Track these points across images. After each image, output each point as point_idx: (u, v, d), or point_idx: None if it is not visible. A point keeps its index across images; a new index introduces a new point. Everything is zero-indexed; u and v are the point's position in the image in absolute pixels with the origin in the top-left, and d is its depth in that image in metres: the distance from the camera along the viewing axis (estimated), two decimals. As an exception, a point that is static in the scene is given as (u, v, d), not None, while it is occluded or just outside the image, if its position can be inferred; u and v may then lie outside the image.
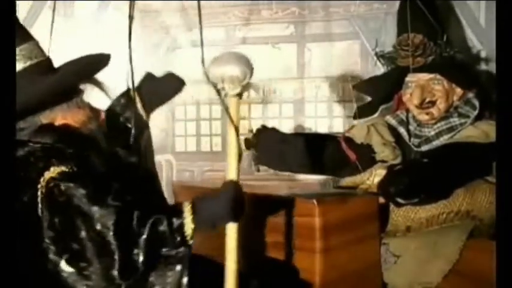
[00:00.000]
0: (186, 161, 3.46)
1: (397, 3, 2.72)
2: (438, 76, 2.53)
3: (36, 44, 1.83)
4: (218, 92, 1.75)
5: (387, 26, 3.13)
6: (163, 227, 1.64)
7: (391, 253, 2.30)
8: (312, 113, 3.38)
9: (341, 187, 2.63)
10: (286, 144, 2.65)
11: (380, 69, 2.80)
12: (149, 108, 2.04)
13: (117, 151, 1.89)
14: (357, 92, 2.91)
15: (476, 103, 2.52)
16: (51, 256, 1.65)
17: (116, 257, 1.61)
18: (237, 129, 1.76)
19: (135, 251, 1.62)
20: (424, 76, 2.54)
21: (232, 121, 1.75)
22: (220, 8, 3.37)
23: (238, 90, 1.77)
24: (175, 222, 1.65)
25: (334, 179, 2.81)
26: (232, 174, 1.77)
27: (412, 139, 2.58)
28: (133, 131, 1.96)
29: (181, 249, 1.68)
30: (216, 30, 3.39)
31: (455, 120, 2.52)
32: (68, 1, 3.28)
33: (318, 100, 3.37)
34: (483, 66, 2.98)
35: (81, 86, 1.87)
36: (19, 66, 1.75)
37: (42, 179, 1.65)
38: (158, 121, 3.45)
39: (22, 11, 3.22)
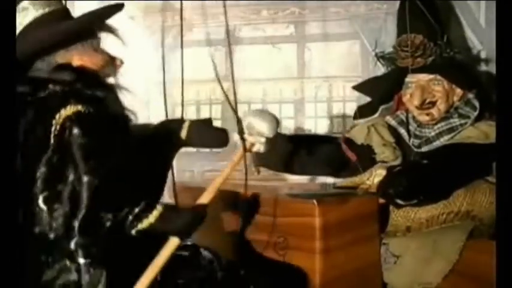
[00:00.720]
0: (186, 161, 3.46)
1: (397, 3, 2.72)
2: (438, 77, 2.53)
3: None
4: (242, 132, 2.01)
5: (387, 26, 3.13)
6: (136, 210, 1.71)
7: (391, 253, 2.30)
8: (312, 113, 3.37)
9: (341, 187, 2.63)
10: (286, 146, 2.64)
11: (380, 69, 2.79)
12: (188, 140, 2.12)
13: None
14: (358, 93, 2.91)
15: (477, 104, 2.51)
16: (35, 189, 1.70)
17: (80, 213, 1.66)
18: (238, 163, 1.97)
19: (107, 217, 1.68)
20: (424, 77, 2.54)
21: (244, 155, 1.97)
22: (220, 8, 3.37)
23: (256, 142, 2.04)
24: (142, 214, 1.72)
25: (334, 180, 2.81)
26: (206, 198, 1.89)
27: (412, 140, 2.58)
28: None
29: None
30: (216, 30, 3.39)
31: (455, 121, 2.52)
32: (68, 1, 3.28)
33: (318, 100, 3.37)
34: (483, 67, 2.97)
35: (98, 34, 1.92)
36: (37, 13, 1.81)
37: (58, 116, 1.69)
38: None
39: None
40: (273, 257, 2.18)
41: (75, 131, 1.68)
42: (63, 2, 1.95)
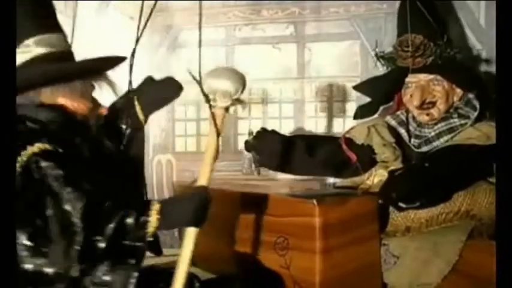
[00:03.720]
0: (186, 161, 3.46)
1: (397, 3, 2.72)
2: (438, 77, 2.53)
3: (62, 35, 1.86)
4: (208, 99, 1.83)
5: (387, 26, 3.13)
6: (130, 220, 1.69)
7: (390, 254, 2.30)
8: (312, 113, 3.38)
9: (341, 187, 2.63)
10: (287, 147, 2.64)
11: (380, 69, 2.79)
12: (147, 111, 2.07)
13: (105, 143, 1.93)
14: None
15: (477, 104, 2.51)
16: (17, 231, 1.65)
17: (78, 238, 1.64)
18: (218, 136, 1.83)
19: (99, 237, 1.66)
20: (424, 77, 2.54)
21: (216, 128, 1.82)
22: (220, 8, 3.37)
23: (227, 103, 1.84)
24: (142, 218, 1.70)
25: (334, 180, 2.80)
26: (204, 179, 1.82)
27: (412, 140, 2.58)
28: (127, 132, 2.03)
29: (139, 244, 1.73)
30: (216, 30, 3.40)
31: (455, 121, 2.51)
32: (68, 1, 3.28)
33: (318, 100, 3.37)
34: (483, 67, 2.97)
35: (94, 83, 1.90)
36: (38, 51, 1.78)
37: (23, 153, 1.66)
38: (159, 121, 3.46)
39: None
40: (273, 257, 2.18)
41: (45, 164, 1.65)
42: (68, 43, 1.90)
